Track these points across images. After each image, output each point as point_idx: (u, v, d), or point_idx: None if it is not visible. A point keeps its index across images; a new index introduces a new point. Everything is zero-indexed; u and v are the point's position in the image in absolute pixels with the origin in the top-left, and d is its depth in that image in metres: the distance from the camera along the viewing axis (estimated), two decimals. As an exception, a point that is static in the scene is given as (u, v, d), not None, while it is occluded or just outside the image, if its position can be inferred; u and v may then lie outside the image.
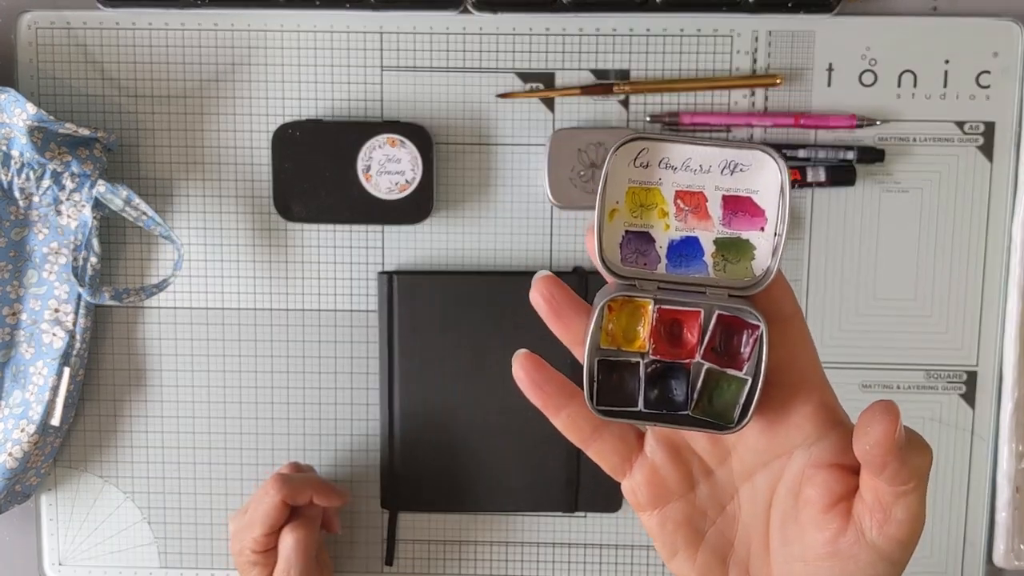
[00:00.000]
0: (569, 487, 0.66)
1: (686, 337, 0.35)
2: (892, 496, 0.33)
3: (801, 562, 0.35)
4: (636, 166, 0.34)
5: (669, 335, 0.35)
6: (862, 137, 0.65)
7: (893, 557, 0.34)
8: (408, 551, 0.69)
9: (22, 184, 0.63)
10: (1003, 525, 0.66)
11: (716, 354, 0.35)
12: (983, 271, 0.66)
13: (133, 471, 0.69)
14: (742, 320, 0.34)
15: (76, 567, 0.69)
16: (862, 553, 0.34)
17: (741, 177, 0.34)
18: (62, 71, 0.66)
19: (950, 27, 0.64)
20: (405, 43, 0.65)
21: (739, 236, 0.35)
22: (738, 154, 0.34)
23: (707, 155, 0.34)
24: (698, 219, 0.35)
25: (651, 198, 0.35)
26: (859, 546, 0.34)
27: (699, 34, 0.65)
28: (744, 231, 0.35)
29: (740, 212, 0.35)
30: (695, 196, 0.35)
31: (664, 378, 0.35)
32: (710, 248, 0.35)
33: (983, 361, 0.66)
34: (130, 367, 0.68)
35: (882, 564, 0.34)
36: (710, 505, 0.38)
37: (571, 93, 0.65)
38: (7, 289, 0.64)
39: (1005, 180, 0.65)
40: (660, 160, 0.34)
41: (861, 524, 0.34)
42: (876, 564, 0.34)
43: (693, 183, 0.34)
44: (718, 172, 0.34)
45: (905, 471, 0.32)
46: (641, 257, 0.35)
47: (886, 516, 0.33)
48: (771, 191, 0.34)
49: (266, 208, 0.67)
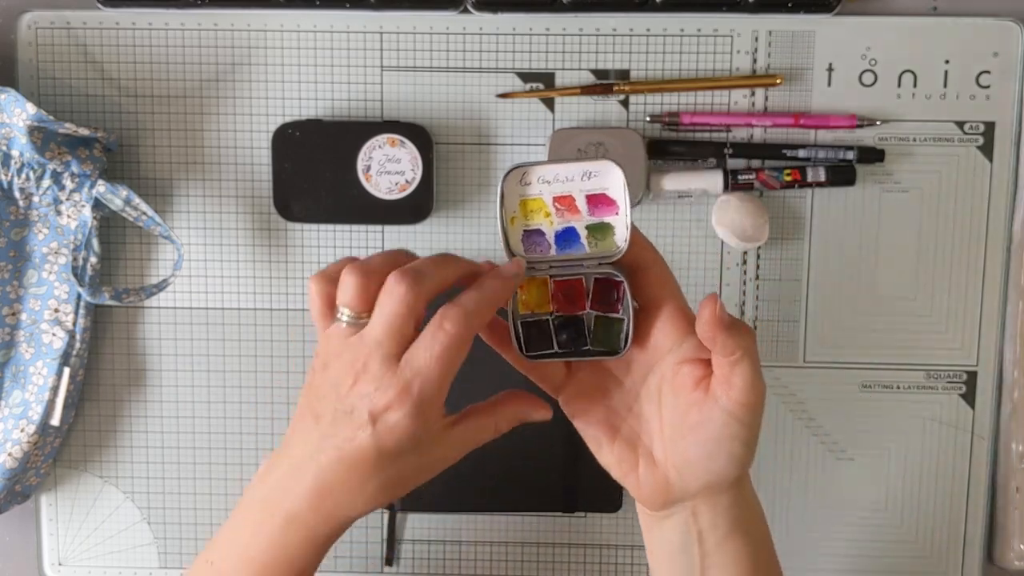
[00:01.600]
0: (569, 487, 0.66)
1: (577, 297, 0.49)
2: (728, 366, 0.45)
3: (681, 435, 0.47)
4: (521, 184, 0.48)
5: (565, 297, 0.49)
6: (862, 137, 0.65)
7: (742, 418, 0.45)
8: (408, 551, 0.69)
9: (22, 184, 0.63)
10: (1003, 525, 0.66)
11: (599, 304, 0.49)
12: (983, 271, 0.66)
13: (133, 471, 0.69)
14: (611, 278, 0.49)
15: (76, 567, 0.69)
16: (718, 415, 0.45)
17: (596, 180, 0.48)
18: (62, 71, 0.66)
19: (950, 27, 0.64)
20: (405, 43, 0.65)
21: (603, 221, 0.49)
22: (591, 165, 0.48)
23: (569, 170, 0.48)
24: (572, 214, 0.49)
25: (536, 205, 0.49)
26: (716, 410, 0.45)
27: (699, 34, 0.65)
28: (605, 217, 0.48)
29: (600, 204, 0.48)
30: (567, 199, 0.49)
31: (567, 327, 0.49)
32: (584, 233, 0.49)
33: (983, 361, 0.66)
34: (130, 367, 0.68)
35: (734, 423, 0.45)
36: (621, 407, 0.49)
37: (571, 93, 0.65)
38: (7, 289, 0.64)
39: (1005, 180, 0.65)
40: (537, 178, 0.48)
41: (715, 394, 0.45)
42: (729, 423, 0.45)
43: (563, 190, 0.48)
44: (579, 179, 0.48)
45: (731, 342, 0.44)
46: (537, 247, 0.49)
47: (728, 384, 0.45)
48: (618, 186, 0.48)
49: (266, 208, 0.67)
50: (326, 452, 0.46)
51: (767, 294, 0.67)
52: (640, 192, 0.64)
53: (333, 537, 0.49)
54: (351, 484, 0.46)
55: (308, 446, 0.47)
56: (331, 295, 0.47)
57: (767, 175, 0.64)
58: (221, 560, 0.50)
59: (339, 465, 0.46)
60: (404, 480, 0.47)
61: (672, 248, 0.66)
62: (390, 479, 0.46)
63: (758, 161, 0.65)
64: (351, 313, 0.46)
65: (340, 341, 0.46)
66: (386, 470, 0.46)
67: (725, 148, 0.65)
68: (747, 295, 0.67)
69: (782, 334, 0.67)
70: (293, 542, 0.48)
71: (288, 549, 0.48)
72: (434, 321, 0.45)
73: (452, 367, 0.45)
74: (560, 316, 0.49)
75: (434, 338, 0.45)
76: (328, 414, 0.46)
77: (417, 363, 0.45)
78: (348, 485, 0.46)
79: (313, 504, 0.47)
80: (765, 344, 0.67)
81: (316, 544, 0.48)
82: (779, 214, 0.66)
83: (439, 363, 0.45)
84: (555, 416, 0.65)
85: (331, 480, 0.46)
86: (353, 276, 0.46)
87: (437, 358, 0.45)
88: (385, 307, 0.45)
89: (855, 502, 0.68)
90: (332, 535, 0.49)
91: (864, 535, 0.68)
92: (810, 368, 0.67)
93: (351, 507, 0.47)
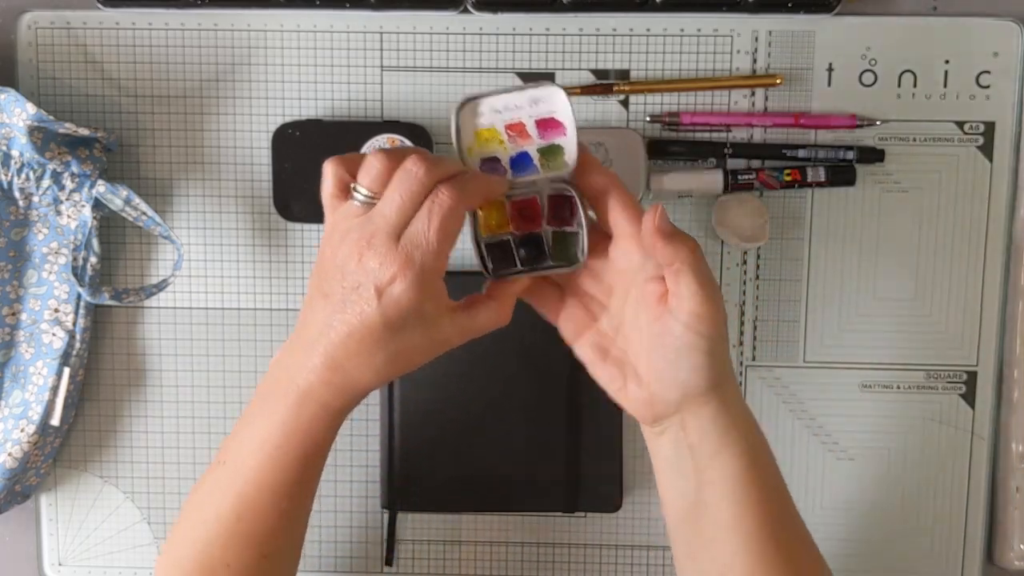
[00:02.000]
0: (569, 487, 0.66)
1: (534, 215, 0.52)
2: (672, 276, 0.48)
3: (652, 348, 0.50)
4: (475, 117, 0.51)
5: (523, 216, 0.52)
6: (862, 137, 0.65)
7: (696, 328, 0.47)
8: (408, 551, 0.69)
9: (22, 184, 0.63)
10: (1003, 525, 0.66)
11: (555, 220, 0.52)
12: (983, 271, 0.66)
13: (133, 471, 0.69)
14: (564, 194, 0.52)
15: (76, 567, 0.69)
16: (674, 326, 0.48)
17: (543, 105, 0.51)
18: (62, 71, 0.66)
19: (950, 27, 0.64)
20: (405, 43, 0.65)
21: (552, 143, 0.51)
22: (537, 92, 0.51)
23: (518, 98, 0.51)
24: (523, 140, 0.51)
25: (490, 134, 0.51)
26: (672, 321, 0.48)
27: (699, 34, 0.65)
28: (554, 139, 0.51)
29: (549, 128, 0.51)
30: (517, 125, 0.51)
31: (527, 244, 0.53)
32: (536, 156, 0.51)
33: (983, 361, 0.66)
34: (130, 367, 0.68)
35: (689, 333, 0.48)
36: (609, 329, 0.52)
37: (571, 93, 0.65)
38: (7, 289, 0.64)
39: (1005, 180, 0.65)
40: (488, 108, 0.51)
41: (671, 307, 0.48)
42: (685, 334, 0.48)
43: (514, 117, 0.51)
44: (527, 106, 0.51)
45: (668, 251, 0.47)
46: (495, 173, 0.51)
47: (677, 295, 0.48)
48: (564, 109, 0.51)
49: (266, 208, 0.67)
50: (335, 328, 0.49)
51: (767, 294, 0.67)
52: (640, 192, 0.64)
53: (345, 410, 0.52)
54: (360, 357, 0.49)
55: (317, 324, 0.49)
56: (344, 179, 0.50)
57: (767, 175, 0.64)
58: (234, 456, 0.52)
59: (349, 339, 0.48)
60: (410, 355, 0.50)
61: (672, 248, 0.66)
62: (397, 352, 0.49)
63: (758, 161, 0.65)
64: (367, 193, 0.49)
65: (349, 221, 0.49)
66: (393, 342, 0.49)
67: (725, 148, 0.65)
68: (747, 295, 0.67)
69: (782, 334, 0.67)
70: (307, 415, 0.50)
71: (303, 421, 0.50)
72: (429, 198, 0.48)
73: (450, 239, 0.48)
74: (519, 235, 0.53)
75: (431, 212, 0.47)
76: (336, 292, 0.49)
77: (417, 236, 0.47)
78: (358, 359, 0.49)
79: (324, 378, 0.49)
80: (765, 344, 0.67)
81: (330, 415, 0.51)
82: (779, 214, 0.66)
83: (437, 235, 0.47)
84: (555, 416, 0.65)
85: (341, 355, 0.49)
86: (379, 159, 0.49)
87: (436, 230, 0.47)
88: (400, 185, 0.48)
89: (855, 502, 0.68)
90: (344, 408, 0.51)
91: (864, 535, 0.68)
92: (810, 368, 0.67)
93: (361, 380, 0.50)
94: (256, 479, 0.51)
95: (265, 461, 0.51)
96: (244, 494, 0.51)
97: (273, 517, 0.51)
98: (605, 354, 0.52)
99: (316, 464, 0.53)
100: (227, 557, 0.51)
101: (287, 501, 0.52)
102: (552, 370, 0.65)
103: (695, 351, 0.48)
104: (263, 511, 0.51)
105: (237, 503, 0.51)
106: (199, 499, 0.53)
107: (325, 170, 0.51)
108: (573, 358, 0.53)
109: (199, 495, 0.53)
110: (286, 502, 0.52)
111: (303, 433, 0.50)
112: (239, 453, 0.52)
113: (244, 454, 0.51)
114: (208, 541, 0.51)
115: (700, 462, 0.50)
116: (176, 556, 0.53)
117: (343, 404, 0.51)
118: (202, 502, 0.53)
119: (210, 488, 0.52)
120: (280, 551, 0.53)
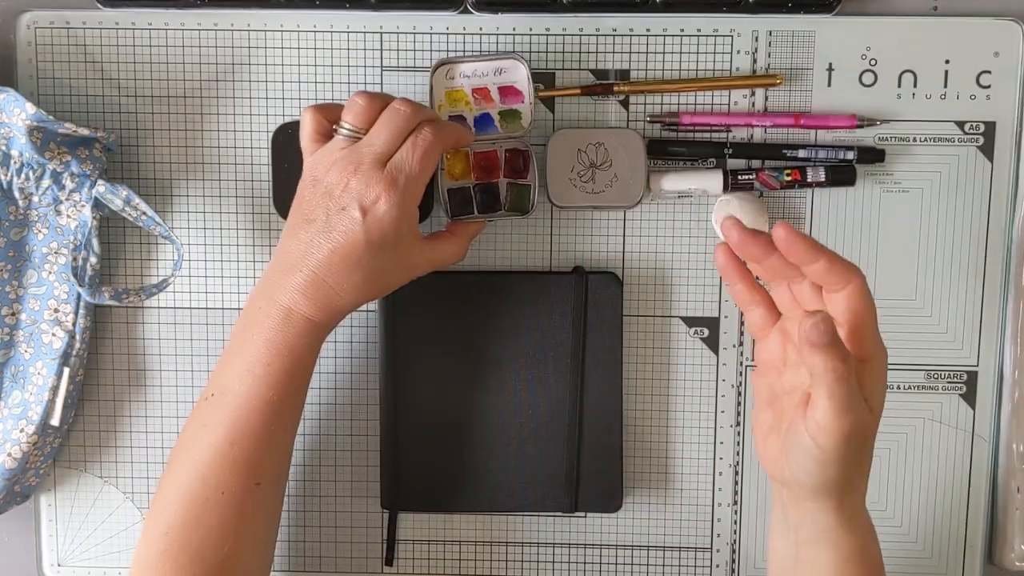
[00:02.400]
0: (569, 487, 0.66)
1: (493, 167, 0.62)
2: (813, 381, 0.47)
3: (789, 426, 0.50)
4: (447, 79, 0.62)
5: (483, 168, 0.62)
6: (862, 137, 0.65)
7: (816, 437, 0.48)
8: (408, 551, 0.69)
9: (22, 184, 0.63)
10: (1003, 525, 0.66)
11: (511, 172, 0.62)
12: (983, 271, 0.66)
13: (133, 471, 0.69)
14: (519, 150, 0.62)
15: (76, 567, 0.69)
16: (802, 423, 0.49)
17: (506, 75, 0.62)
18: (62, 71, 0.66)
19: (950, 27, 0.64)
20: (405, 43, 0.65)
21: (511, 108, 0.62)
22: (502, 63, 0.62)
23: (485, 67, 0.62)
24: (487, 103, 0.62)
25: (459, 95, 0.62)
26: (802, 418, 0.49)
27: (699, 34, 0.65)
28: (513, 105, 0.62)
29: (509, 95, 0.62)
30: (482, 90, 0.62)
31: (486, 193, 0.62)
32: (497, 118, 0.62)
33: (983, 361, 0.66)
34: (130, 367, 0.68)
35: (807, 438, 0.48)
36: (786, 382, 0.53)
37: (571, 93, 0.65)
38: (6, 289, 0.64)
39: (1005, 180, 0.65)
40: (459, 73, 0.62)
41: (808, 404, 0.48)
42: (804, 435, 0.48)
43: (480, 83, 0.62)
44: (492, 74, 0.62)
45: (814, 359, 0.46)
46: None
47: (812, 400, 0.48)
48: (524, 80, 0.62)
49: (266, 208, 0.67)
50: (319, 247, 0.54)
51: (767, 294, 0.67)
52: (640, 192, 0.64)
53: (326, 327, 0.56)
54: (342, 275, 0.54)
55: (300, 247, 0.54)
56: (323, 124, 0.57)
57: (767, 175, 0.64)
58: (222, 388, 0.55)
59: (332, 256, 0.53)
60: (384, 276, 0.56)
61: (672, 248, 0.66)
62: (373, 272, 0.54)
63: (758, 161, 0.65)
64: (351, 127, 0.55)
65: (333, 153, 0.55)
66: (372, 262, 0.54)
67: (725, 148, 0.65)
68: (747, 295, 0.67)
69: (782, 334, 0.67)
70: (292, 330, 0.54)
71: (289, 335, 0.54)
72: (414, 134, 0.55)
73: (428, 169, 0.55)
74: (479, 184, 0.62)
75: (415, 144, 0.54)
76: (321, 217, 0.54)
77: (402, 163, 0.54)
78: (339, 276, 0.54)
79: (308, 294, 0.54)
80: (765, 344, 0.67)
81: (314, 330, 0.55)
82: (779, 214, 0.66)
83: (420, 163, 0.54)
84: (556, 416, 0.65)
85: (323, 272, 0.54)
86: (363, 98, 0.55)
87: (419, 159, 0.54)
88: (389, 120, 0.55)
89: (855, 502, 0.68)
90: (326, 324, 0.56)
91: (864, 535, 0.68)
92: (810, 368, 0.67)
93: (341, 297, 0.54)
94: (247, 403, 0.54)
95: (254, 383, 0.54)
96: (236, 420, 0.54)
97: (263, 440, 0.54)
98: (773, 400, 0.54)
99: (302, 385, 0.56)
100: (221, 484, 0.54)
101: (276, 423, 0.55)
102: (553, 370, 0.65)
103: (807, 455, 0.49)
104: (255, 434, 0.54)
105: (230, 429, 0.54)
106: (190, 434, 0.56)
107: (304, 116, 0.57)
108: (573, 359, 0.53)
109: (189, 432, 0.56)
110: (275, 424, 0.55)
111: (289, 348, 0.54)
112: (228, 382, 0.54)
113: (233, 381, 0.54)
114: (202, 471, 0.54)
115: (799, 539, 0.52)
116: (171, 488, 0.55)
117: (325, 319, 0.55)
118: (195, 435, 0.55)
119: (200, 422, 0.55)
120: (269, 479, 0.56)
